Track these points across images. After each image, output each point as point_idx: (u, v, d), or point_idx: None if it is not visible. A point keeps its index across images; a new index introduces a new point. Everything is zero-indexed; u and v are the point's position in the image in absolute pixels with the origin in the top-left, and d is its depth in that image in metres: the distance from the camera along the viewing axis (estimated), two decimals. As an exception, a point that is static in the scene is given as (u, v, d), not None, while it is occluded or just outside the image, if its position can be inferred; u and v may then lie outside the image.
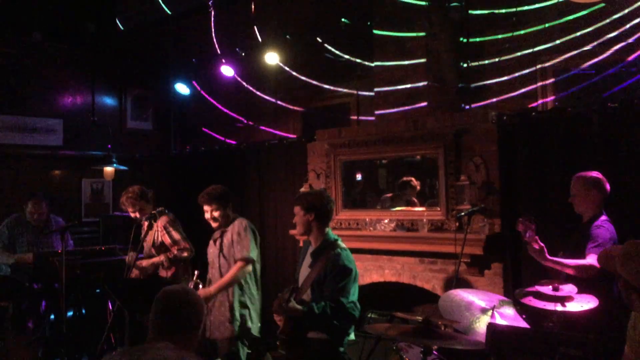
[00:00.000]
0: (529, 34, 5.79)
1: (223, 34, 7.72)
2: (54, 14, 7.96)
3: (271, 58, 6.96)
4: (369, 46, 6.22)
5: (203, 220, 4.58)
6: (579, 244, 3.69)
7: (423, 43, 5.67)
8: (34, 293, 5.50)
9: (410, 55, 5.75)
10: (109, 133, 7.81)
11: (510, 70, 5.92)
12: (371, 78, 6.25)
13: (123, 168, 7.52)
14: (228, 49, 7.60)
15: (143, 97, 8.86)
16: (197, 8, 7.70)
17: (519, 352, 2.67)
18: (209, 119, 8.69)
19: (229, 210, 4.50)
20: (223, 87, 8.22)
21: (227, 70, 7.50)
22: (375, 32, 6.01)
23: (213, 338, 4.37)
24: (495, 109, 5.37)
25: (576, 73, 5.58)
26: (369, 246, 5.54)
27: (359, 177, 6.10)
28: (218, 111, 8.46)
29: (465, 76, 6.07)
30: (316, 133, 6.23)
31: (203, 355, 4.37)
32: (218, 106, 8.46)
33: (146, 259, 5.09)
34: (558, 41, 5.61)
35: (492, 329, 2.78)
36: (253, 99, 8.13)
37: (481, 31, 6.08)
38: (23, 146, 7.50)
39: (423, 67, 5.66)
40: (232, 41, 7.62)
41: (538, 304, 3.34)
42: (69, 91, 8.09)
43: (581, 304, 3.25)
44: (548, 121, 4.77)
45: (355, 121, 7.18)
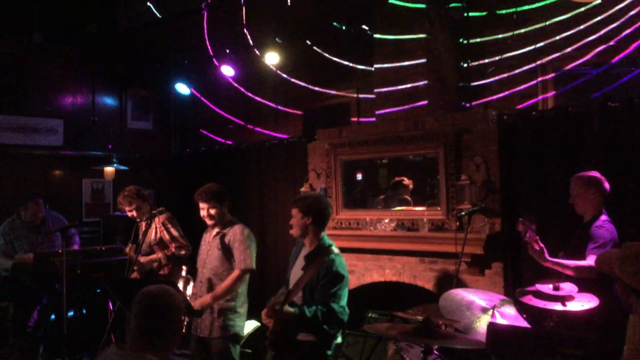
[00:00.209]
0: (529, 33, 5.78)
1: (222, 35, 7.73)
2: (55, 15, 7.97)
3: (271, 58, 6.96)
4: (369, 46, 6.22)
5: (203, 220, 4.58)
6: (580, 245, 3.69)
7: (423, 43, 5.66)
8: (35, 293, 5.50)
9: (410, 55, 5.75)
10: (110, 133, 7.82)
11: (510, 69, 5.92)
12: (371, 77, 6.24)
13: (123, 168, 7.53)
14: (228, 50, 7.60)
15: (143, 97, 8.87)
16: (198, 9, 7.71)
17: (520, 352, 2.66)
18: (209, 120, 8.70)
19: (225, 209, 4.49)
20: (223, 87, 8.22)
21: (228, 70, 7.50)
22: (375, 35, 6.01)
23: (204, 337, 4.36)
24: (495, 109, 5.37)
25: (576, 72, 5.58)
26: (370, 246, 5.54)
27: (360, 177, 6.10)
28: (217, 112, 8.48)
29: (465, 76, 6.07)
30: (316, 133, 6.22)
31: (197, 354, 4.40)
32: (215, 109, 8.47)
33: (144, 257, 5.11)
34: (557, 37, 5.61)
35: (493, 329, 2.78)
36: (253, 99, 8.13)
37: (481, 32, 6.07)
38: (24, 146, 7.50)
39: (423, 67, 5.66)
40: (231, 42, 7.62)
41: (538, 304, 3.34)
42: (70, 91, 8.09)
43: (581, 303, 3.25)
44: (548, 120, 4.77)
45: (355, 117, 7.18)
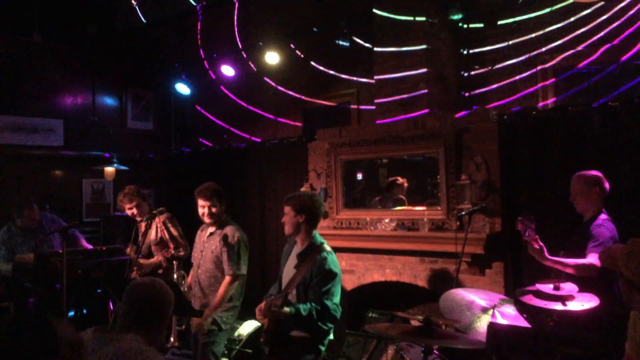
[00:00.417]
0: (529, 34, 5.78)
1: (222, 35, 7.73)
2: (54, 15, 7.97)
3: (271, 57, 6.96)
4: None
5: (201, 219, 4.60)
6: (580, 243, 3.69)
7: (423, 51, 5.68)
8: (35, 293, 5.50)
9: (410, 63, 5.76)
10: (110, 133, 7.82)
11: (510, 69, 5.92)
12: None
13: (124, 168, 7.52)
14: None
15: (143, 97, 8.86)
16: (197, 9, 7.73)
17: (520, 352, 2.67)
18: (208, 124, 8.69)
19: (223, 209, 4.55)
20: (222, 88, 8.22)
21: (228, 70, 7.50)
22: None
23: (195, 332, 4.40)
24: (495, 108, 5.37)
25: (576, 72, 5.58)
26: (370, 245, 5.54)
27: (360, 177, 6.11)
28: (219, 110, 8.48)
29: (466, 82, 6.09)
30: (317, 132, 6.22)
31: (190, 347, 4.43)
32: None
33: (144, 259, 5.11)
34: (556, 29, 5.62)
35: (493, 329, 2.78)
36: (254, 99, 8.12)
37: (482, 39, 6.08)
38: (24, 146, 7.50)
39: (424, 74, 5.67)
40: (232, 42, 7.62)
41: (539, 303, 3.33)
42: (70, 91, 8.09)
43: (582, 303, 3.24)
44: (548, 120, 4.77)
45: (355, 121, 7.17)
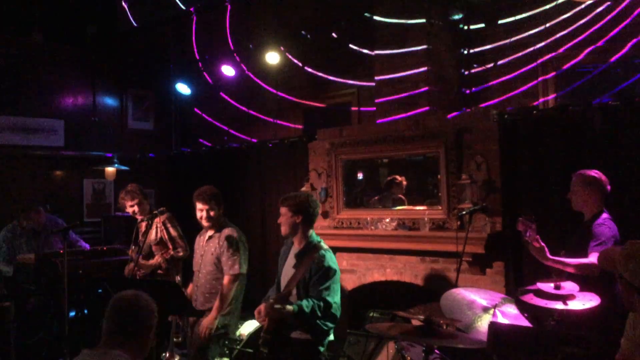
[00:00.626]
0: (530, 32, 5.78)
1: (221, 36, 7.74)
2: (55, 15, 7.98)
3: (272, 58, 6.96)
4: (371, 41, 6.23)
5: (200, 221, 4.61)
6: (581, 243, 3.68)
7: (424, 51, 5.68)
8: (36, 293, 5.51)
9: (411, 56, 5.76)
10: (110, 133, 7.83)
11: (511, 68, 5.92)
12: (373, 73, 6.24)
13: (124, 168, 7.53)
14: (229, 49, 7.61)
15: (144, 97, 8.87)
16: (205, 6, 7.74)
17: (521, 351, 2.66)
18: (208, 126, 8.70)
19: (221, 212, 4.55)
20: (224, 89, 8.22)
21: (228, 70, 7.50)
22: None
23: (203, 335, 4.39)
24: (496, 107, 5.37)
25: (577, 70, 5.58)
26: (371, 245, 5.54)
27: (360, 177, 6.10)
28: (219, 111, 8.48)
29: (466, 80, 6.08)
30: (317, 132, 6.22)
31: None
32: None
33: (145, 259, 5.12)
34: (558, 34, 5.62)
35: (494, 328, 2.78)
36: (254, 100, 8.12)
37: (482, 37, 6.07)
38: (25, 147, 7.51)
39: (424, 73, 5.67)
40: (233, 41, 7.63)
41: (539, 303, 3.33)
42: (70, 92, 8.10)
43: (583, 302, 3.24)
44: (549, 119, 4.77)
45: (356, 120, 7.17)
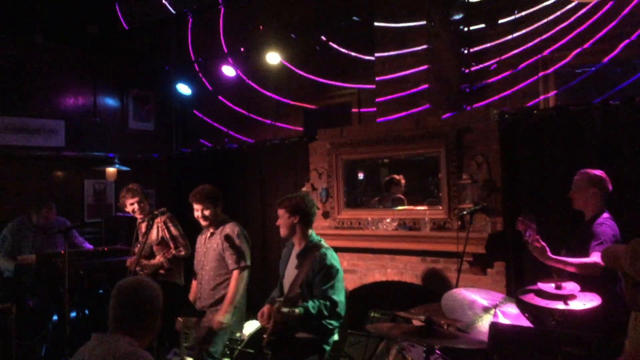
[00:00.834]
0: (530, 32, 5.78)
1: (221, 35, 7.74)
2: (56, 16, 7.98)
3: (272, 58, 6.96)
4: (371, 43, 6.24)
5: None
6: (582, 242, 3.68)
7: (424, 51, 5.69)
8: (37, 294, 5.51)
9: (412, 56, 5.77)
10: (111, 134, 7.83)
11: (512, 69, 5.92)
12: (372, 74, 6.25)
13: (125, 169, 7.53)
14: (229, 49, 7.61)
15: (144, 98, 8.87)
16: (200, 8, 7.74)
17: (522, 351, 2.67)
18: (209, 128, 8.71)
19: (219, 209, 4.57)
20: (224, 90, 8.23)
21: (229, 71, 7.50)
22: (376, 28, 6.03)
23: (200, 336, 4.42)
24: (497, 107, 5.37)
25: (578, 71, 5.58)
26: (371, 245, 5.54)
27: (361, 177, 6.10)
28: (219, 112, 8.49)
29: (467, 77, 6.08)
30: (318, 132, 6.22)
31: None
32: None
33: (146, 259, 5.11)
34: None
35: (495, 328, 2.78)
36: (255, 100, 8.13)
37: (482, 36, 6.07)
38: (25, 147, 7.51)
39: (425, 71, 5.68)
40: (232, 42, 7.63)
41: (540, 302, 3.32)
42: (71, 92, 8.10)
43: (584, 302, 3.24)
44: (550, 119, 4.76)
45: (356, 120, 7.18)
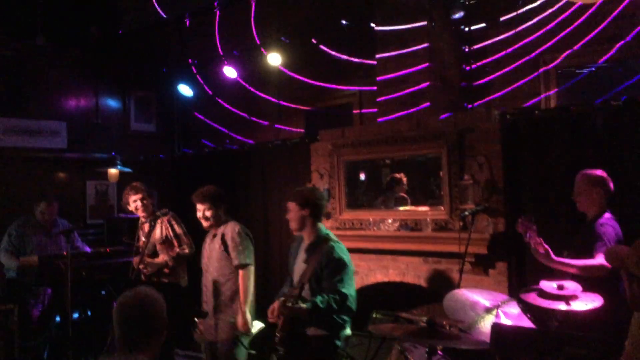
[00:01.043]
0: (532, 31, 5.78)
1: (223, 36, 7.75)
2: (58, 17, 7.99)
3: (273, 59, 6.96)
4: (372, 44, 6.25)
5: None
6: (584, 243, 3.67)
7: (425, 50, 5.70)
8: (40, 295, 5.52)
9: (412, 56, 5.77)
10: (113, 135, 7.84)
11: (513, 68, 5.92)
12: (374, 76, 6.26)
13: (127, 170, 7.54)
14: (229, 51, 7.62)
15: (146, 99, 8.88)
16: (200, 10, 7.74)
17: (524, 352, 2.66)
18: (214, 120, 8.73)
19: (221, 211, 4.55)
20: (225, 90, 8.23)
21: (230, 72, 7.50)
22: (376, 30, 6.04)
23: (213, 340, 4.40)
24: (498, 106, 5.37)
25: (579, 71, 5.58)
26: (373, 246, 5.54)
27: (363, 177, 6.11)
28: (220, 113, 8.50)
29: (468, 75, 6.08)
30: (319, 133, 6.22)
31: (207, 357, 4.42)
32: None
33: (150, 258, 5.12)
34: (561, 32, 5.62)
35: (497, 329, 2.78)
36: (256, 101, 8.13)
37: (483, 35, 6.07)
38: (28, 149, 7.52)
39: (425, 69, 5.68)
40: (234, 43, 7.64)
41: (542, 303, 3.31)
42: (73, 94, 8.11)
43: (585, 303, 3.23)
44: (551, 120, 4.76)
45: (358, 121, 7.18)
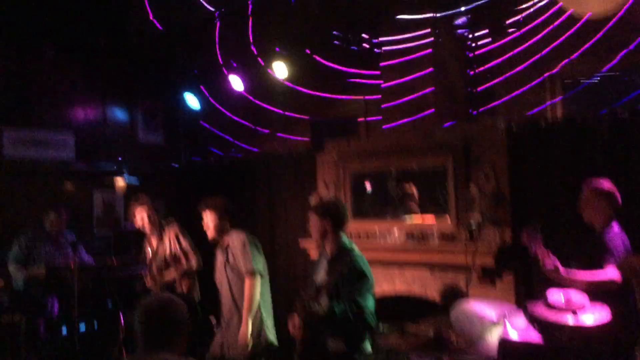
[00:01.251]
0: (538, 41, 5.78)
1: (230, 47, 7.78)
2: (66, 29, 8.05)
3: (279, 69, 6.98)
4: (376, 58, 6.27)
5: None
6: (592, 255, 3.65)
7: (429, 58, 5.72)
8: (47, 307, 5.53)
9: (417, 64, 5.79)
10: (120, 146, 7.87)
11: (518, 77, 5.92)
12: (379, 87, 6.28)
13: (134, 180, 7.57)
14: (235, 63, 7.65)
15: (154, 110, 8.92)
16: (207, 20, 7.79)
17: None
18: (220, 130, 8.75)
19: (226, 221, 4.50)
20: (231, 99, 8.26)
21: (237, 82, 7.53)
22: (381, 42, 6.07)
23: (231, 356, 4.33)
24: (503, 115, 5.37)
25: (584, 81, 5.57)
26: (379, 257, 5.51)
27: (368, 188, 6.11)
28: (226, 121, 8.53)
29: (472, 81, 6.08)
30: (325, 143, 6.24)
31: None
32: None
33: (159, 274, 5.13)
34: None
35: (504, 344, 2.77)
36: (262, 110, 8.15)
37: (488, 43, 6.08)
38: (35, 160, 7.56)
39: (430, 77, 5.70)
40: (239, 54, 7.67)
41: (549, 315, 3.30)
42: (81, 105, 8.16)
43: (593, 314, 3.22)
44: (557, 131, 4.76)
45: (363, 129, 7.18)
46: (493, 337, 3.30)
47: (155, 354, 2.36)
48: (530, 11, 5.75)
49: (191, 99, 8.14)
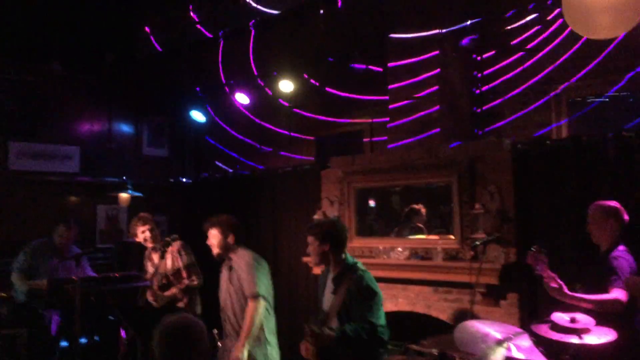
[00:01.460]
0: (543, 61, 5.80)
1: (236, 64, 7.84)
2: (73, 44, 8.14)
3: (285, 86, 7.01)
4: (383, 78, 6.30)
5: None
6: (598, 276, 3.62)
7: (436, 78, 5.74)
8: (48, 320, 5.51)
9: (423, 84, 5.81)
10: (125, 160, 7.90)
11: (524, 97, 5.93)
12: (385, 105, 6.29)
13: (138, 194, 7.58)
14: (236, 80, 7.71)
15: (159, 125, 8.96)
16: (214, 38, 7.87)
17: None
18: (225, 146, 8.78)
19: (230, 238, 4.41)
20: (237, 116, 8.30)
21: (242, 98, 7.56)
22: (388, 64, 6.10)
23: None
24: (508, 135, 5.37)
25: (591, 100, 5.57)
26: (383, 274, 5.46)
27: (373, 205, 6.09)
28: (231, 140, 8.56)
29: (478, 100, 6.09)
30: (330, 160, 6.24)
31: None
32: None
33: (160, 291, 5.11)
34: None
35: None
36: (267, 127, 8.19)
37: (494, 63, 6.11)
38: (41, 173, 7.60)
39: (436, 96, 5.71)
40: (245, 72, 7.73)
41: (554, 336, 3.27)
42: (87, 119, 8.22)
43: (598, 337, 3.18)
44: (563, 150, 4.74)
45: (368, 148, 7.19)
46: (497, 357, 3.26)
47: None
48: (534, 29, 5.78)
49: (197, 115, 8.19)
